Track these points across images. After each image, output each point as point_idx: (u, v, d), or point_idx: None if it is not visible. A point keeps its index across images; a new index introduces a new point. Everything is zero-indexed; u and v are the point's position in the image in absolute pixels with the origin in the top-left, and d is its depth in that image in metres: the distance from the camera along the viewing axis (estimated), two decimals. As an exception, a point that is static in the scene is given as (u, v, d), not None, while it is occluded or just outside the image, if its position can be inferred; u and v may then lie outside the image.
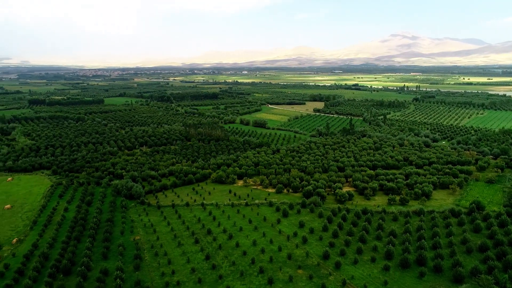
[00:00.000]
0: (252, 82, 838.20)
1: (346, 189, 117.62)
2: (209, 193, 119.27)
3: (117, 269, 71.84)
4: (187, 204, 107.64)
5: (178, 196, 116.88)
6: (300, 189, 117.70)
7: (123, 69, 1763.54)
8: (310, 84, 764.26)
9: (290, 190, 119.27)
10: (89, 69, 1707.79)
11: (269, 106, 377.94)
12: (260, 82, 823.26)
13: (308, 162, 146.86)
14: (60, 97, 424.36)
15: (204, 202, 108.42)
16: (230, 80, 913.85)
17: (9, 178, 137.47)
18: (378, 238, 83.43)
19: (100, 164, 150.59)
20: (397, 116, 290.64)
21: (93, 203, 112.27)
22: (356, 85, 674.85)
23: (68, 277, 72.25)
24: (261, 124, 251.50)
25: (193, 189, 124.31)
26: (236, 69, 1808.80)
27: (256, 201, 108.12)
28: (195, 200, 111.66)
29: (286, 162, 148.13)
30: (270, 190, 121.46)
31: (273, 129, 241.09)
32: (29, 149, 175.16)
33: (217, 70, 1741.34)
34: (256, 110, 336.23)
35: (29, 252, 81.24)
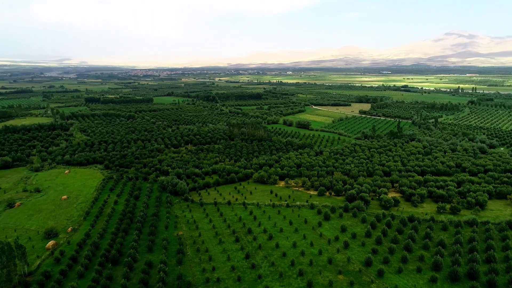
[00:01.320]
0: (297, 82, 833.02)
1: (391, 194, 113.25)
2: (251, 193, 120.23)
3: (161, 262, 74.60)
4: (229, 203, 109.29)
5: (220, 194, 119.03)
6: (343, 192, 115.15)
7: (172, 69, 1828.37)
8: (356, 85, 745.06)
9: (333, 193, 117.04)
10: (140, 69, 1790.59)
11: (313, 107, 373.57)
12: (305, 83, 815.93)
13: (352, 165, 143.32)
14: (113, 96, 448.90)
15: (246, 201, 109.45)
16: (275, 81, 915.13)
17: (66, 171, 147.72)
18: (425, 248, 79.41)
19: (148, 161, 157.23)
20: (450, 120, 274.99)
21: (140, 197, 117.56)
22: (405, 86, 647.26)
23: (116, 266, 76.20)
24: (304, 125, 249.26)
25: (235, 188, 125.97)
26: (281, 70, 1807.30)
27: (297, 203, 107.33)
28: (236, 199, 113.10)
29: (329, 165, 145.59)
30: (312, 192, 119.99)
31: (316, 130, 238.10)
32: (85, 144, 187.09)
33: (262, 70, 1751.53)
34: (300, 111, 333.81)
35: (82, 241, 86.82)
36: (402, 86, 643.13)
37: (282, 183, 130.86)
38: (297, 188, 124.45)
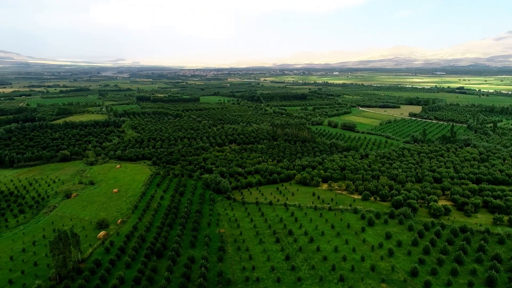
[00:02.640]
0: (343, 83, 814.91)
1: (442, 202, 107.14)
2: (293, 194, 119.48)
3: (202, 258, 76.40)
4: (271, 203, 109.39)
5: (262, 194, 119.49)
6: (389, 198, 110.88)
7: (218, 70, 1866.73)
8: (407, 86, 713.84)
9: (378, 198, 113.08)
10: (188, 69, 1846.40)
11: (360, 108, 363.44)
12: (352, 84, 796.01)
13: (400, 170, 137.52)
14: (162, 95, 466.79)
15: (287, 202, 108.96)
16: (320, 81, 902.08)
17: (118, 166, 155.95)
18: (478, 261, 74.22)
19: (193, 158, 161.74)
20: (511, 125, 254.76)
21: (185, 194, 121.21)
22: (461, 88, 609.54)
23: (160, 259, 79.18)
24: (349, 127, 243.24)
25: (277, 188, 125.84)
26: (327, 70, 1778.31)
27: (340, 207, 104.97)
28: (278, 200, 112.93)
29: (375, 169, 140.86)
30: (356, 196, 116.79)
31: (362, 132, 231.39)
32: (135, 141, 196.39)
33: (307, 70, 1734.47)
34: (346, 113, 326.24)
35: (129, 232, 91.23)
36: (457, 88, 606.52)
37: (325, 186, 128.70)
38: (340, 192, 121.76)
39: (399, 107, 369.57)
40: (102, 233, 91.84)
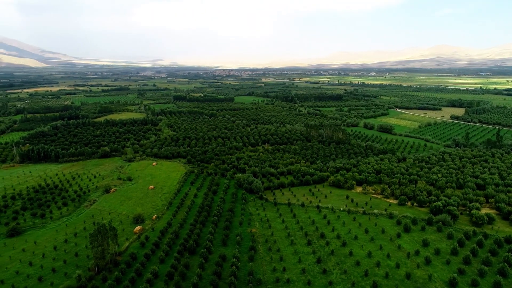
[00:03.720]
0: (380, 84, 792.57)
1: (485, 210, 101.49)
2: (325, 196, 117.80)
3: (233, 257, 77.06)
4: (303, 205, 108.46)
5: (295, 196, 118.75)
6: (427, 204, 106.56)
7: (253, 70, 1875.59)
8: (449, 87, 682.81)
9: (415, 204, 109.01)
10: (224, 69, 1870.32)
11: (398, 110, 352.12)
12: (389, 84, 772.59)
13: (439, 175, 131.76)
14: (198, 95, 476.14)
15: (320, 204, 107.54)
16: (356, 82, 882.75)
17: (154, 163, 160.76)
18: (525, 275, 69.58)
19: (226, 158, 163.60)
20: None
21: (218, 192, 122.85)
22: (509, 89, 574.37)
23: (193, 256, 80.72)
24: (386, 129, 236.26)
25: (310, 190, 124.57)
26: (364, 70, 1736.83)
27: (375, 211, 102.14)
28: (310, 202, 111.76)
29: (413, 173, 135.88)
30: (392, 201, 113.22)
31: (400, 135, 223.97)
32: (171, 139, 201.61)
33: (343, 71, 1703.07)
34: (382, 114, 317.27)
35: (164, 228, 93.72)
36: (505, 90, 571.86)
37: (359, 189, 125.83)
38: (375, 195, 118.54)
39: (440, 109, 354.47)
40: (138, 227, 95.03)
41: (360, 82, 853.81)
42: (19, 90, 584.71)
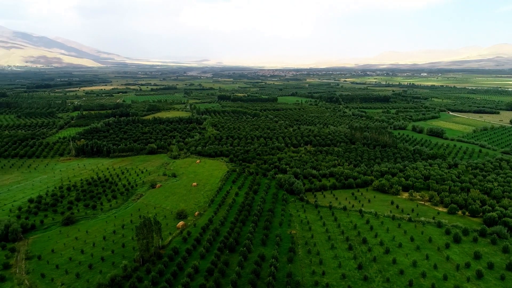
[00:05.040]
0: (432, 85, 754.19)
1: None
2: (369, 201, 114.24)
3: (272, 257, 77.02)
4: (345, 208, 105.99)
5: (336, 199, 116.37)
6: (480, 214, 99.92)
7: (297, 70, 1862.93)
8: (509, 89, 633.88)
9: (467, 213, 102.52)
10: (268, 69, 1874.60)
11: (450, 113, 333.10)
12: (442, 86, 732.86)
13: (495, 184, 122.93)
14: (241, 94, 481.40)
15: (363, 209, 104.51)
16: (406, 83, 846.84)
17: (198, 161, 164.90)
18: None
19: (268, 158, 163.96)
20: None
21: (258, 192, 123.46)
22: None
23: (232, 254, 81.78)
24: (437, 133, 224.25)
25: (352, 194, 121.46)
26: (414, 71, 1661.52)
27: (422, 218, 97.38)
28: (353, 205, 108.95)
29: (465, 180, 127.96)
30: (441, 209, 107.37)
31: (452, 139, 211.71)
32: (214, 138, 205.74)
33: (391, 71, 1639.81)
34: (433, 117, 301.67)
35: (205, 225, 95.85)
36: None
37: (405, 195, 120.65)
38: (422, 202, 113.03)
39: (498, 113, 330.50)
40: (180, 223, 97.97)
41: (410, 83, 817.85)
42: (77, 88, 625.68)
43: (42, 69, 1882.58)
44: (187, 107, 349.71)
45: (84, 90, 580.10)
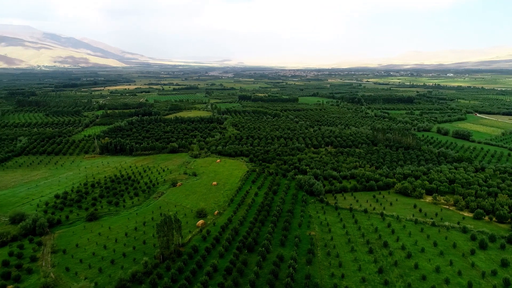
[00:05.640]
0: (458, 86, 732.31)
1: None
2: (391, 204, 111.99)
3: (291, 258, 76.68)
4: (365, 211, 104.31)
5: (357, 201, 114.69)
6: (509, 220, 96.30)
7: (319, 70, 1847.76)
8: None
9: (494, 219, 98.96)
10: (289, 70, 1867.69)
11: (477, 115, 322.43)
12: (469, 87, 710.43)
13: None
14: (262, 95, 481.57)
15: (384, 212, 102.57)
16: (431, 83, 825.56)
17: (218, 160, 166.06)
18: None
19: (288, 158, 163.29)
20: None
21: (278, 192, 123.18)
22: None
23: (251, 253, 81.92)
24: (463, 136, 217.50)
25: (374, 196, 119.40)
26: (440, 71, 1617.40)
27: (446, 223, 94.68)
28: (374, 208, 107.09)
29: (493, 185, 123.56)
30: (466, 213, 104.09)
31: (479, 142, 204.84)
32: (235, 138, 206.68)
33: (416, 72, 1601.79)
34: (459, 119, 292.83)
35: (224, 224, 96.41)
36: None
37: (428, 199, 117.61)
38: (447, 207, 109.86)
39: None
40: (200, 221, 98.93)
41: (435, 84, 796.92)
42: (102, 88, 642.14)
43: (70, 68, 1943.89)
44: (208, 106, 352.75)
45: (108, 90, 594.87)
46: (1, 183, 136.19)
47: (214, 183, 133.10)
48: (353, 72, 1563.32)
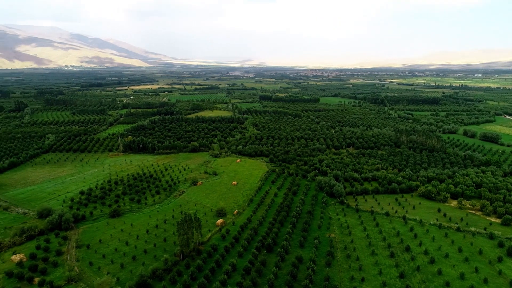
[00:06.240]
0: (487, 87, 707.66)
1: None
2: (413, 207, 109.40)
3: (310, 260, 76.09)
4: (387, 214, 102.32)
5: (378, 204, 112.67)
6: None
7: (341, 70, 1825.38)
8: None
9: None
10: (310, 70, 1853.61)
11: (507, 117, 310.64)
12: (498, 88, 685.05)
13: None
14: (283, 95, 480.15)
15: (407, 215, 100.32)
16: (457, 84, 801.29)
17: (238, 160, 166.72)
18: None
19: (308, 159, 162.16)
20: None
21: (297, 193, 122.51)
22: None
23: (270, 254, 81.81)
24: (491, 138, 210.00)
25: (396, 199, 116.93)
26: (467, 72, 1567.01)
27: (472, 229, 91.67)
28: (396, 211, 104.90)
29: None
30: (493, 219, 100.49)
31: (508, 145, 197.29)
32: (255, 138, 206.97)
33: (442, 72, 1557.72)
34: (487, 121, 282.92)
35: (244, 224, 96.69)
36: None
37: (453, 203, 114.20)
38: (473, 212, 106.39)
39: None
40: (220, 220, 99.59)
41: (462, 85, 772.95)
42: (126, 87, 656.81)
43: (95, 68, 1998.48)
44: (229, 106, 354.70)
45: (132, 89, 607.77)
46: (30, 179, 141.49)
47: (234, 182, 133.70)
48: (376, 72, 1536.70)
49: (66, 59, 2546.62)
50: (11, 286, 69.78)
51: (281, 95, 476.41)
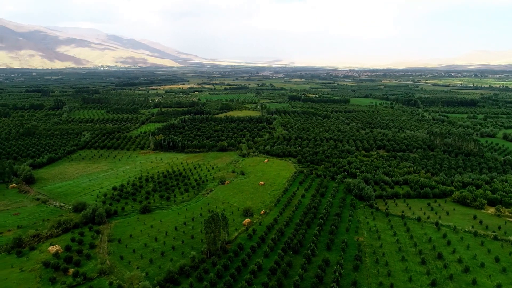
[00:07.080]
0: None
1: None
2: (447, 213, 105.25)
3: (337, 263, 74.89)
4: (419, 219, 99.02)
5: (410, 208, 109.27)
6: None
7: (372, 70, 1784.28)
8: None
9: None
10: (341, 70, 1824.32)
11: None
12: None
13: None
14: (312, 95, 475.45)
15: (440, 221, 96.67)
16: (498, 85, 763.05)
17: (266, 160, 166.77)
18: None
19: (337, 161, 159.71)
20: None
21: (325, 195, 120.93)
22: None
23: (296, 255, 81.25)
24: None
25: (428, 204, 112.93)
26: (508, 72, 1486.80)
27: (510, 238, 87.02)
28: (428, 217, 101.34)
29: None
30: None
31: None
32: (283, 138, 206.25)
33: (481, 72, 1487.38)
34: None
35: (270, 224, 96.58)
36: None
37: (491, 210, 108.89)
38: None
39: None
40: (246, 220, 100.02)
41: (503, 86, 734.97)
42: (158, 87, 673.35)
43: (129, 68, 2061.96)
44: (258, 106, 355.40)
45: (164, 89, 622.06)
46: (66, 174, 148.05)
47: (261, 182, 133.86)
48: (409, 73, 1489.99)
49: (102, 59, 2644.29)
50: (47, 276, 73.24)
51: (310, 95, 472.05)
